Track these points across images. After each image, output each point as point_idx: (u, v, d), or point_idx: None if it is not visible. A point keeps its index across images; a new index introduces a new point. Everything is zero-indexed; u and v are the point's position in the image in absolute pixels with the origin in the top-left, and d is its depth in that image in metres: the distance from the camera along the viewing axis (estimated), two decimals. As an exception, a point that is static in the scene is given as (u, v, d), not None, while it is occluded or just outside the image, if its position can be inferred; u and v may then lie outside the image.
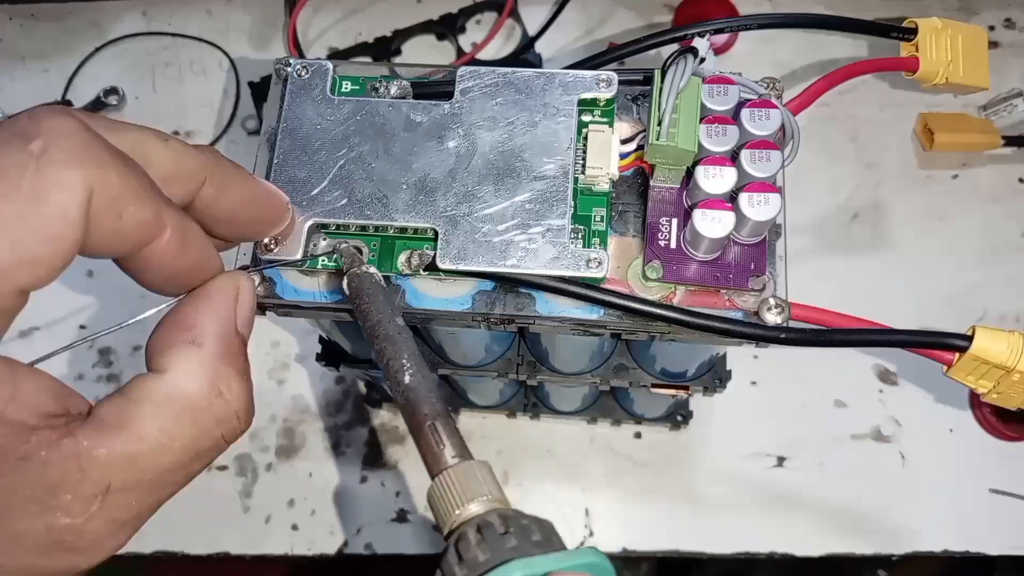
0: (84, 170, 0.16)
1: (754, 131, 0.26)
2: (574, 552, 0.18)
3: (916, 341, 0.26)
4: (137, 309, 0.21)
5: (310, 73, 0.29)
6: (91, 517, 0.17)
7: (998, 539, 0.50)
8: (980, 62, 0.33)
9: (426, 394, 0.21)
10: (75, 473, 0.17)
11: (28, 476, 0.17)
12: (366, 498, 0.53)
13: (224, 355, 0.20)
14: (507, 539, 0.18)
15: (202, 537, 0.52)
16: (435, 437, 0.21)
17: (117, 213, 0.17)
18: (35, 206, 0.16)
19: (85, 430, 0.18)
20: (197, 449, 0.19)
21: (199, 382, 0.20)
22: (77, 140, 0.16)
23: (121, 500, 0.18)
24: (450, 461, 0.20)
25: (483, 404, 0.52)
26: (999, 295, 0.55)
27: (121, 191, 0.17)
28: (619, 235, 0.28)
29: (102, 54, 0.64)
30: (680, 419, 0.51)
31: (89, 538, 0.18)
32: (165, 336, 0.20)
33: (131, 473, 0.18)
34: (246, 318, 0.22)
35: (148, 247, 0.19)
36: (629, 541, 0.51)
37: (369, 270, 0.25)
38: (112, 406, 0.19)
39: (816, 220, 0.57)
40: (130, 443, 0.18)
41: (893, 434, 0.52)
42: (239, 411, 0.20)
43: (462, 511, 0.19)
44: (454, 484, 0.20)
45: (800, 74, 0.61)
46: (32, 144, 0.16)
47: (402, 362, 0.22)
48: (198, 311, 0.21)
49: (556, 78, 0.28)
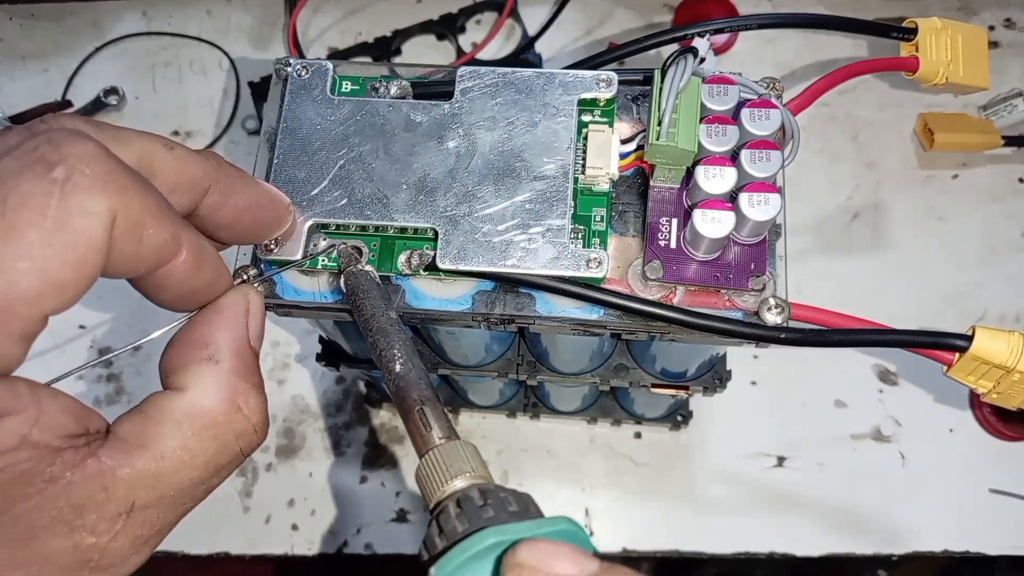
0: (108, 196, 0.16)
1: (754, 131, 0.26)
2: (547, 520, 0.19)
3: (916, 341, 0.26)
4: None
5: (310, 73, 0.29)
6: (116, 535, 0.18)
7: (998, 539, 0.50)
8: (980, 62, 0.33)
9: (415, 381, 0.22)
10: (100, 493, 0.17)
11: (54, 497, 0.17)
12: (366, 498, 0.53)
13: (240, 370, 0.21)
14: (484, 510, 0.19)
15: (202, 537, 0.52)
16: (423, 420, 0.21)
17: (138, 236, 0.17)
18: (61, 233, 0.16)
19: (107, 450, 0.18)
20: (217, 464, 0.20)
21: (218, 398, 0.20)
22: (100, 166, 0.16)
23: (144, 517, 0.18)
24: (437, 441, 0.21)
25: (483, 404, 0.52)
26: (999, 295, 0.55)
27: (142, 215, 0.17)
28: (619, 235, 0.28)
29: (102, 54, 0.64)
30: (680, 419, 0.51)
31: (114, 556, 0.18)
32: (181, 353, 0.21)
33: (154, 491, 0.18)
34: (257, 332, 0.22)
35: (165, 267, 0.19)
36: (629, 541, 0.51)
37: (365, 268, 0.25)
38: (132, 424, 0.19)
39: (816, 220, 0.57)
40: (153, 461, 0.18)
41: (893, 434, 0.52)
42: (257, 425, 0.21)
43: (445, 487, 0.20)
44: (439, 462, 0.20)
45: (800, 74, 0.61)
46: (55, 171, 0.16)
47: (393, 352, 0.23)
48: (213, 328, 0.21)
49: (556, 78, 0.28)
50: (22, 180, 0.16)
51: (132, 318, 0.55)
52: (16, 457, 0.16)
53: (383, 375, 0.23)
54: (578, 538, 0.18)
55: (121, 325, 0.55)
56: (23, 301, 0.15)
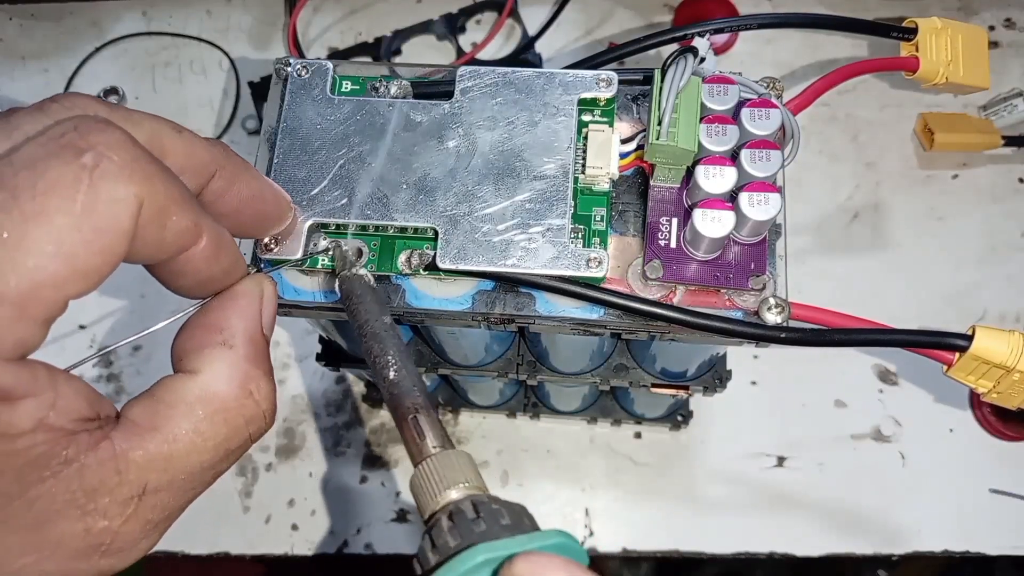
0: (135, 183, 0.17)
1: (754, 131, 0.26)
2: (540, 534, 0.19)
3: (916, 341, 0.26)
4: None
5: (310, 73, 0.29)
6: (127, 519, 0.18)
7: (998, 539, 0.50)
8: (980, 62, 0.33)
9: (409, 388, 0.22)
10: (113, 476, 0.18)
11: (68, 481, 0.17)
12: (366, 498, 0.53)
13: (253, 356, 0.21)
14: (477, 524, 0.19)
15: (202, 537, 0.52)
16: (417, 429, 0.21)
17: (162, 223, 0.18)
18: (89, 219, 0.16)
19: (120, 433, 0.18)
20: (227, 448, 0.20)
21: (231, 383, 0.20)
22: (127, 154, 0.17)
23: (155, 501, 0.18)
24: (430, 451, 0.21)
25: (483, 404, 0.52)
26: (999, 295, 0.55)
27: (166, 202, 0.18)
28: (619, 235, 0.28)
29: (102, 54, 0.64)
30: (680, 419, 0.51)
31: (125, 540, 0.18)
32: (195, 337, 0.21)
33: (165, 474, 0.19)
34: (270, 320, 0.22)
35: (185, 254, 0.19)
36: (629, 541, 0.51)
37: (359, 271, 0.25)
38: (143, 407, 0.19)
39: (816, 220, 0.57)
40: (165, 444, 0.19)
41: (893, 434, 0.52)
42: (266, 411, 0.21)
43: (440, 498, 0.20)
44: (433, 473, 0.20)
45: (800, 74, 0.61)
46: (84, 158, 0.16)
47: (387, 358, 0.23)
48: (228, 313, 0.21)
49: (556, 78, 0.28)
50: (51, 166, 0.16)
51: (132, 316, 0.55)
52: (33, 439, 0.16)
53: (377, 382, 0.23)
54: (572, 551, 0.18)
55: (120, 325, 0.55)
56: (49, 285, 0.16)
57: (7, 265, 0.15)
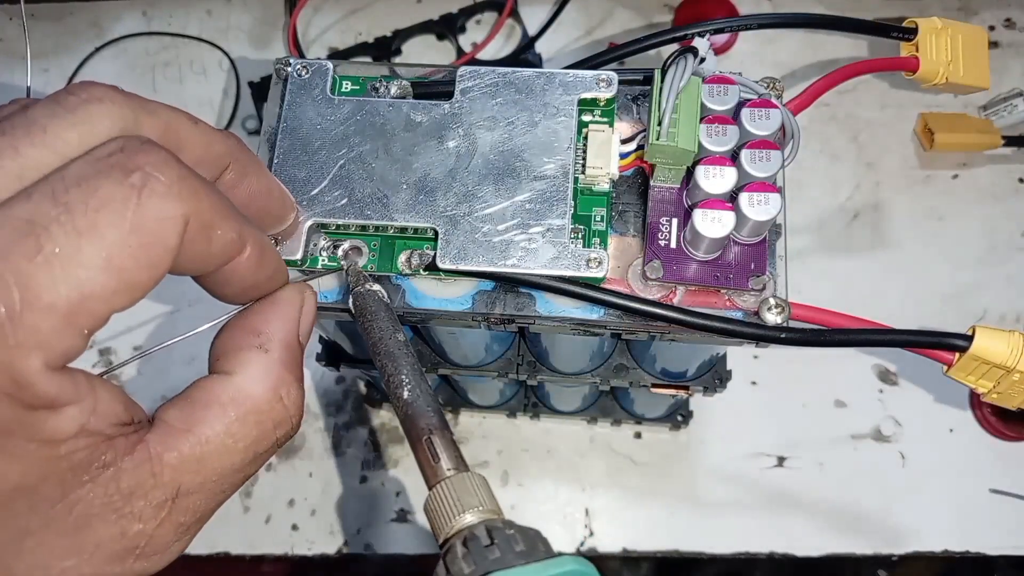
0: (182, 201, 0.17)
1: (754, 131, 0.26)
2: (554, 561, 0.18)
3: (916, 341, 0.26)
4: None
5: (310, 73, 0.29)
6: (162, 522, 0.18)
7: (998, 539, 0.50)
8: (980, 62, 0.33)
9: (424, 408, 0.22)
10: (148, 479, 0.18)
11: (106, 484, 0.17)
12: (366, 498, 0.53)
13: (287, 362, 0.21)
14: (491, 551, 0.19)
15: (202, 537, 0.51)
16: (431, 451, 0.21)
17: (208, 237, 0.18)
18: (138, 236, 0.16)
19: (154, 436, 0.18)
20: (256, 451, 0.20)
21: (264, 385, 0.20)
22: (174, 172, 0.17)
23: (188, 504, 0.19)
24: (445, 473, 0.21)
25: (483, 404, 0.52)
26: (999, 295, 0.55)
27: (212, 217, 0.18)
28: (619, 235, 0.28)
29: (102, 54, 0.64)
30: (680, 419, 0.51)
31: (159, 543, 0.19)
32: (233, 339, 0.21)
33: (198, 476, 0.19)
34: (307, 328, 0.23)
35: (230, 264, 0.19)
36: (629, 541, 0.51)
37: (373, 287, 0.25)
38: (176, 409, 0.19)
39: (816, 220, 0.57)
40: (197, 445, 0.19)
41: (893, 434, 0.52)
42: (293, 416, 0.21)
43: (455, 522, 0.20)
44: (448, 496, 0.20)
45: (800, 74, 0.61)
46: (132, 177, 0.16)
47: (401, 378, 0.22)
48: (267, 318, 0.22)
49: (556, 78, 0.28)
50: (101, 185, 0.16)
51: (132, 318, 0.55)
52: (75, 445, 0.17)
53: (391, 401, 0.23)
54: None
55: (121, 325, 0.55)
56: (98, 298, 0.16)
57: (59, 277, 0.15)
